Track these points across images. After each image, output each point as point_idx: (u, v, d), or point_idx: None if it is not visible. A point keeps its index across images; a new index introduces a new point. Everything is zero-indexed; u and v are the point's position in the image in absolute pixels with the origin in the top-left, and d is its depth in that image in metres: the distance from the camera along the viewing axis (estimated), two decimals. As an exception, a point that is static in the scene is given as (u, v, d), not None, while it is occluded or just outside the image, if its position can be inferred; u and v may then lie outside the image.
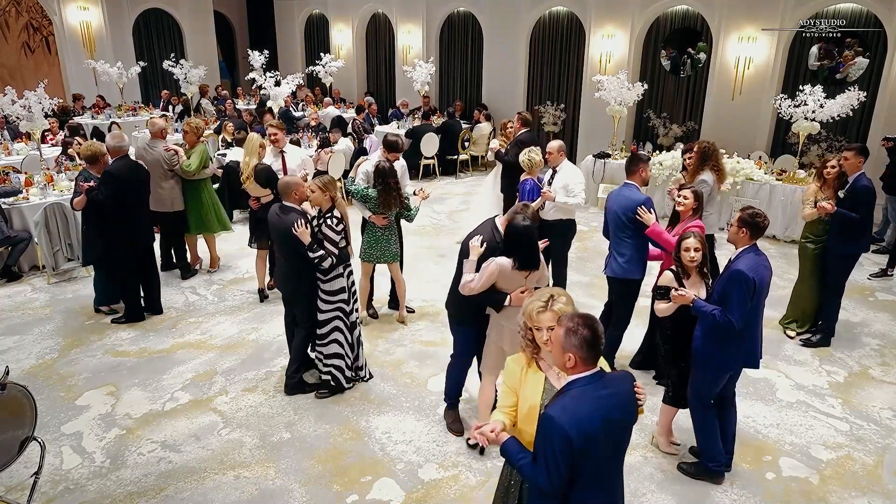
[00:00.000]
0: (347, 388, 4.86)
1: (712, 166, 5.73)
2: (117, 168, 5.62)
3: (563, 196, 5.70)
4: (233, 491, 3.88)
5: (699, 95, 11.29)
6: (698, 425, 3.91)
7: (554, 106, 13.06)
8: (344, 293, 4.67)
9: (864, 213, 5.29)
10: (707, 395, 3.85)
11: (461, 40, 14.66)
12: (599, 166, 9.99)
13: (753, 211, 3.65)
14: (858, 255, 5.58)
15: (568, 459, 2.23)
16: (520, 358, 2.72)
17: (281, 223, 4.50)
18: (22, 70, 14.09)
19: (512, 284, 3.81)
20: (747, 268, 3.53)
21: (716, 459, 3.93)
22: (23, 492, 3.73)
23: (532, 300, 2.64)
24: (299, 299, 4.71)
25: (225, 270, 7.31)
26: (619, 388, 2.37)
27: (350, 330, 4.78)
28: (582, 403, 2.25)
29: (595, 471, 2.33)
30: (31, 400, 3.50)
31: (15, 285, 6.82)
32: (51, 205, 6.84)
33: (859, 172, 5.39)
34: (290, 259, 4.59)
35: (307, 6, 17.78)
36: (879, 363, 5.49)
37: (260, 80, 12.21)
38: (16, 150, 9.91)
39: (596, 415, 2.24)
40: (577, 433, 2.20)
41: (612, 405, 2.30)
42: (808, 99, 8.06)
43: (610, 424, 2.28)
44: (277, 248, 4.76)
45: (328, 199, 4.50)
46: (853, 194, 5.34)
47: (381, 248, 5.66)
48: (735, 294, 3.53)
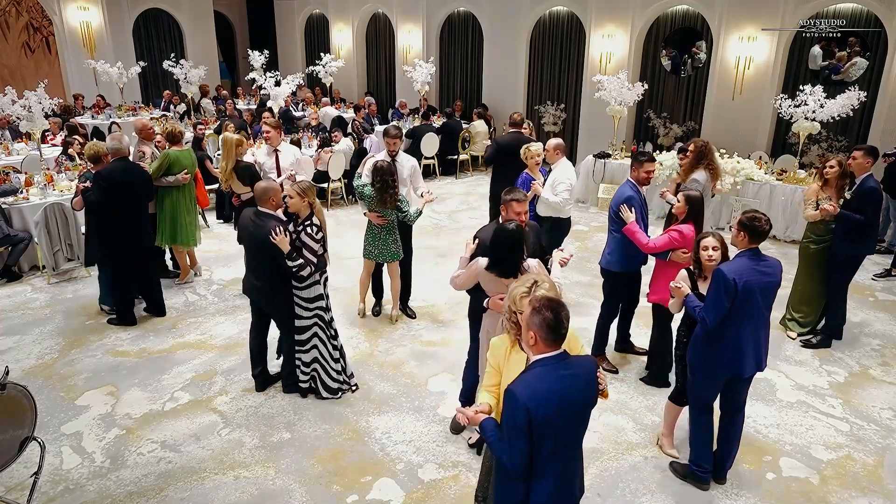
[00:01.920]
0: (327, 397, 4.74)
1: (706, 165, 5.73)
2: (110, 170, 5.56)
3: (548, 192, 5.67)
4: (233, 491, 3.87)
5: (699, 95, 11.29)
6: (691, 428, 3.92)
7: (554, 106, 13.06)
8: (322, 300, 4.57)
9: (869, 215, 5.23)
10: (700, 399, 3.82)
11: (461, 40, 14.66)
12: (600, 166, 9.98)
13: (753, 214, 3.61)
14: (863, 257, 5.54)
15: (528, 434, 2.34)
16: (504, 338, 2.84)
17: (258, 230, 4.29)
18: (22, 70, 14.10)
19: (492, 287, 3.75)
20: (730, 269, 3.50)
21: (701, 465, 3.90)
22: (23, 492, 3.73)
23: (517, 285, 2.72)
24: (277, 308, 4.59)
25: (225, 270, 7.31)
26: (580, 370, 2.46)
27: (330, 337, 4.67)
28: (542, 381, 2.37)
29: (552, 453, 2.42)
30: (30, 400, 3.50)
31: (15, 285, 6.82)
32: (51, 205, 6.83)
33: (867, 173, 5.35)
34: (264, 267, 4.40)
35: (307, 6, 17.78)
36: (880, 363, 5.48)
37: (260, 80, 12.21)
38: (16, 150, 9.92)
39: (554, 393, 2.36)
40: (535, 407, 2.31)
41: (570, 385, 2.40)
42: (808, 99, 8.05)
43: (566, 404, 2.39)
44: (252, 256, 4.56)
45: (306, 205, 4.35)
46: (860, 195, 5.29)
47: (378, 246, 5.69)
48: (711, 292, 3.55)
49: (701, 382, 3.77)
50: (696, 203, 4.46)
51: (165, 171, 6.28)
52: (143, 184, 5.84)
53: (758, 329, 3.63)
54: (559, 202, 5.62)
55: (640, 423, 4.56)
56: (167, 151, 6.36)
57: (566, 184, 5.62)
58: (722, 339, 3.59)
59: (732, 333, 3.57)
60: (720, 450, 3.94)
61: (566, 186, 5.62)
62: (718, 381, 3.72)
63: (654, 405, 4.76)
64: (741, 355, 3.62)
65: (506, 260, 3.63)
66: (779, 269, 3.62)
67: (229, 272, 7.25)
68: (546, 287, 2.68)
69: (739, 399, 3.85)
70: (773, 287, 3.59)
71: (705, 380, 3.74)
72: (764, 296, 3.56)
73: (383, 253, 5.71)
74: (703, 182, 5.71)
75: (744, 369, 3.65)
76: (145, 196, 5.92)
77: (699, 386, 3.79)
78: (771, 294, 3.61)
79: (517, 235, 3.61)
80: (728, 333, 3.57)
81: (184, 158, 6.43)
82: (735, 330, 3.57)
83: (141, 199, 5.85)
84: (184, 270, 6.92)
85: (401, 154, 6.04)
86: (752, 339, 3.62)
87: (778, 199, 8.48)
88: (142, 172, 5.87)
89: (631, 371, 5.24)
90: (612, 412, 4.66)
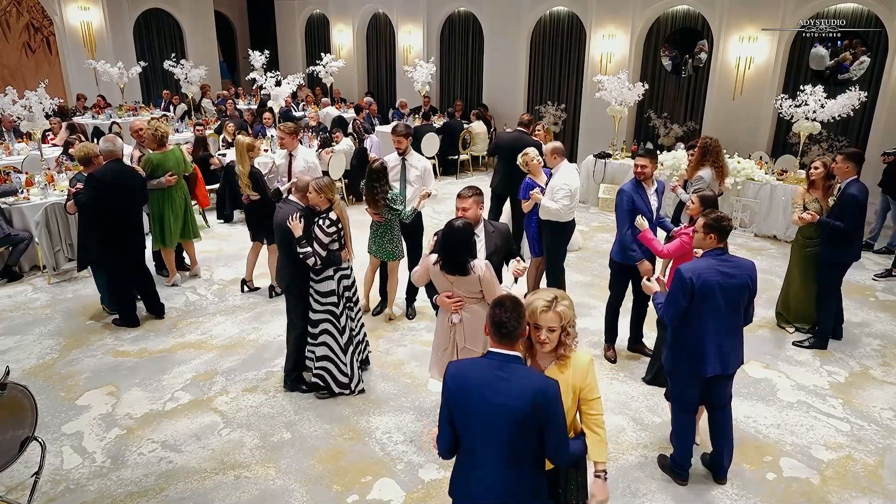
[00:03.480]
0: (337, 393, 4.78)
1: (712, 163, 5.73)
2: (102, 172, 5.50)
3: (548, 200, 5.63)
4: (233, 491, 3.88)
5: (700, 95, 11.28)
6: (672, 426, 3.98)
7: (554, 106, 13.06)
8: (333, 296, 4.63)
9: (849, 222, 5.17)
10: (677, 399, 3.85)
11: (462, 40, 14.66)
12: (600, 166, 9.98)
13: (718, 215, 3.64)
14: (849, 264, 5.50)
15: (446, 413, 2.45)
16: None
17: (280, 214, 4.65)
18: (23, 70, 14.10)
19: (439, 283, 3.85)
20: (688, 268, 3.53)
21: (680, 465, 3.94)
22: (23, 492, 3.73)
23: (537, 297, 2.63)
24: (290, 294, 4.81)
25: (225, 270, 7.31)
26: (515, 377, 2.36)
27: (342, 334, 4.69)
28: (473, 370, 2.42)
29: (469, 448, 2.47)
30: (31, 400, 3.50)
31: (16, 285, 6.82)
32: (51, 205, 6.84)
33: (850, 179, 5.26)
34: (282, 251, 4.71)
35: (308, 6, 17.78)
36: (880, 363, 5.48)
37: (260, 80, 12.22)
38: (17, 150, 9.92)
39: (475, 388, 2.37)
40: (453, 385, 2.41)
41: (495, 387, 2.35)
42: (808, 99, 8.05)
43: (484, 404, 2.36)
44: (276, 238, 4.83)
45: (324, 200, 4.56)
46: (839, 202, 5.28)
47: (376, 243, 5.79)
48: (669, 291, 3.59)
49: (675, 383, 3.84)
50: (710, 203, 4.47)
51: (149, 174, 6.24)
52: (137, 186, 5.80)
53: (721, 330, 3.59)
54: (559, 209, 5.59)
55: (640, 424, 4.56)
56: (149, 155, 6.32)
57: (565, 189, 5.57)
58: (684, 339, 3.64)
59: (693, 333, 3.59)
60: (714, 448, 3.93)
61: (565, 192, 5.57)
62: (687, 380, 3.73)
63: (655, 405, 4.76)
64: (703, 355, 3.60)
65: (449, 257, 3.67)
66: (747, 270, 3.58)
67: (229, 272, 7.25)
68: (566, 304, 2.59)
69: (721, 396, 3.79)
70: (737, 288, 3.55)
71: (676, 380, 3.81)
72: (726, 296, 3.53)
73: (380, 251, 5.80)
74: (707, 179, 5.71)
75: (706, 369, 3.61)
76: (140, 198, 5.88)
77: (674, 386, 3.86)
78: (735, 294, 3.55)
79: (462, 233, 3.62)
80: (689, 333, 3.60)
81: (168, 160, 6.35)
82: (695, 330, 3.58)
83: (135, 201, 5.81)
84: (171, 272, 6.87)
85: (413, 155, 6.00)
86: (714, 339, 3.59)
87: (778, 200, 8.48)
88: (135, 174, 5.85)
89: (633, 372, 5.24)
90: (612, 412, 4.66)
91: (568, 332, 2.60)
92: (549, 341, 2.56)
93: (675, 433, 3.96)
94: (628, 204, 4.90)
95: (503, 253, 4.08)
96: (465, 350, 3.89)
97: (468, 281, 3.72)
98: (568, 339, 2.61)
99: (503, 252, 4.08)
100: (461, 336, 3.89)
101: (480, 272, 3.68)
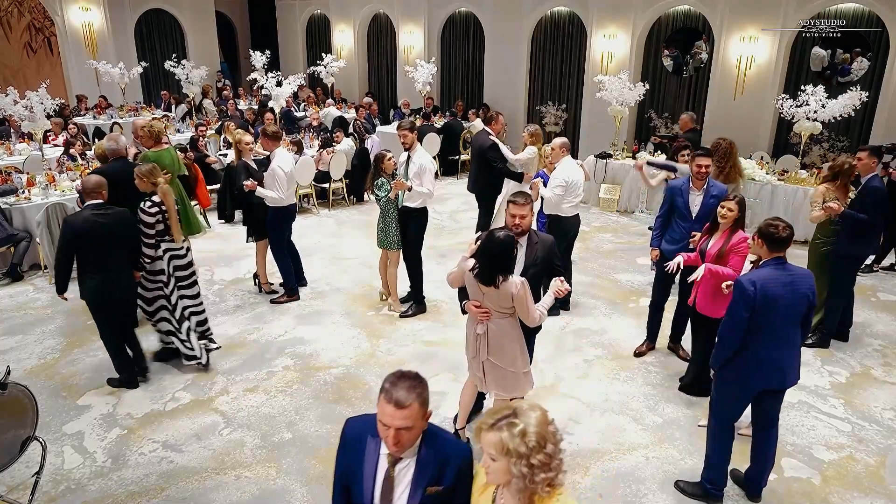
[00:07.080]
0: (198, 359, 5.11)
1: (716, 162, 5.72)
2: (108, 170, 5.47)
3: (546, 189, 5.88)
4: (234, 491, 3.88)
5: (701, 95, 11.28)
6: (709, 444, 3.76)
7: (555, 106, 13.06)
8: (163, 275, 4.99)
9: (872, 215, 5.23)
10: (721, 414, 3.67)
11: (463, 41, 14.65)
12: (601, 166, 9.97)
13: (769, 221, 3.46)
14: (865, 258, 5.56)
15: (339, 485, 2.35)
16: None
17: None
18: (24, 70, 14.12)
19: (472, 291, 3.68)
20: (749, 279, 3.38)
21: (715, 483, 3.75)
22: (24, 491, 3.73)
23: (492, 409, 2.25)
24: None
25: (225, 270, 7.31)
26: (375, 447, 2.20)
27: (173, 311, 5.05)
28: (361, 425, 2.36)
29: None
30: (32, 400, 3.51)
31: (17, 285, 6.83)
32: (53, 205, 6.84)
33: (872, 174, 5.37)
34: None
35: (309, 7, 17.79)
36: (881, 363, 5.47)
37: (261, 81, 12.22)
38: (18, 150, 9.93)
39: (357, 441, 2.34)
40: (350, 432, 2.37)
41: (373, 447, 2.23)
42: (809, 99, 8.04)
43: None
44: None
45: (149, 184, 4.90)
46: (863, 195, 5.31)
47: (379, 231, 6.01)
48: (729, 305, 3.46)
49: (722, 395, 3.63)
50: (744, 206, 4.48)
51: None
52: None
53: (781, 343, 3.46)
54: (550, 196, 5.79)
55: (641, 424, 4.55)
56: (146, 152, 6.29)
57: (559, 180, 5.75)
58: (742, 352, 3.46)
59: (751, 345, 3.43)
60: (755, 465, 3.78)
61: (558, 182, 5.74)
62: (739, 394, 3.59)
63: (655, 405, 4.76)
64: (761, 369, 3.47)
65: (485, 267, 3.46)
66: (806, 280, 3.43)
67: (230, 272, 7.25)
68: (531, 420, 1.82)
69: (772, 412, 3.66)
70: (798, 299, 3.40)
71: (725, 392, 3.62)
72: (787, 307, 3.39)
73: (380, 238, 6.02)
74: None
75: (763, 383, 3.50)
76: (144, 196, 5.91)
77: (720, 399, 3.65)
78: (796, 306, 3.41)
79: (503, 245, 3.39)
80: (746, 344, 3.43)
81: (164, 159, 6.26)
82: (753, 342, 3.42)
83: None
84: None
85: (417, 151, 5.91)
86: (773, 352, 3.46)
87: (780, 200, 8.46)
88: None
89: (634, 372, 5.24)
90: (613, 412, 4.66)
91: (531, 466, 1.76)
92: (494, 472, 1.83)
93: (712, 450, 3.73)
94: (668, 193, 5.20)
95: (544, 266, 3.89)
96: (489, 363, 3.73)
97: (500, 294, 3.51)
98: (537, 477, 1.77)
99: (544, 265, 3.89)
100: (484, 348, 3.74)
101: (515, 290, 3.46)
